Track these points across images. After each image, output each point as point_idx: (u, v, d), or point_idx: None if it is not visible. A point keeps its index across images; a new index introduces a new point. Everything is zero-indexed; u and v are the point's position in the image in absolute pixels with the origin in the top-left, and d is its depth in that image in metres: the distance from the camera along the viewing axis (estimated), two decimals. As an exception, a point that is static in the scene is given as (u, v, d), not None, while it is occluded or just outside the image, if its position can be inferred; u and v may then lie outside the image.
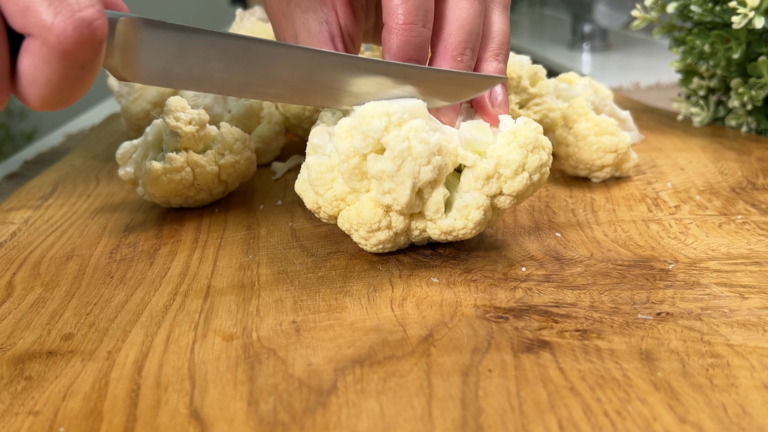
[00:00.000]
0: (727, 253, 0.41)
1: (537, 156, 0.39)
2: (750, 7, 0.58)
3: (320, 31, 0.45)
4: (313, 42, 0.46)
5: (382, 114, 0.37)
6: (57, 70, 0.31)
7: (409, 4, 0.39)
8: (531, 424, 0.27)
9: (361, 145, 0.37)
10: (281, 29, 0.47)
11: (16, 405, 0.30)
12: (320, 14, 0.46)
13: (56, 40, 0.30)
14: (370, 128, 0.37)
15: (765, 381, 0.29)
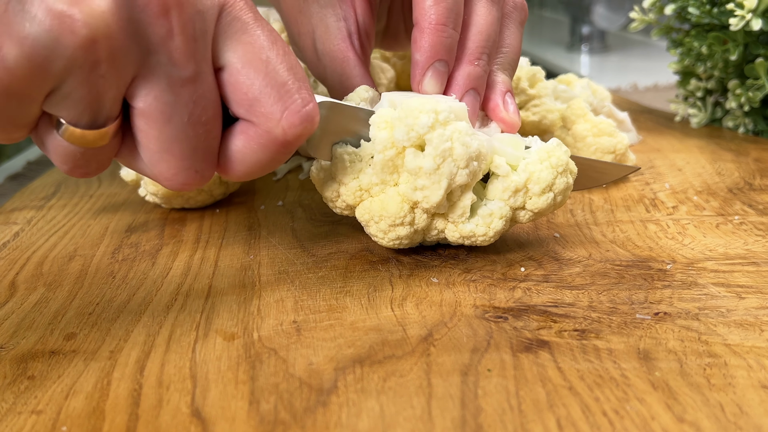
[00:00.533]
0: (724, 254, 0.41)
1: (564, 179, 0.39)
2: (747, 9, 0.58)
3: (338, 27, 0.45)
4: (331, 38, 0.45)
5: (431, 111, 0.37)
6: (270, 154, 0.34)
7: (442, 6, 0.40)
8: (530, 423, 0.27)
9: (402, 138, 0.37)
10: (296, 25, 0.47)
11: (19, 404, 0.30)
12: (338, 11, 0.46)
13: (282, 132, 0.33)
14: (417, 123, 0.36)
15: (762, 380, 0.29)
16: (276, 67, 0.33)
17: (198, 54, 0.31)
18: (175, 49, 0.30)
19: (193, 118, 0.32)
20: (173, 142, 0.32)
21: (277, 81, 0.33)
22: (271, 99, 0.33)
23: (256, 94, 0.33)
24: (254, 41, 0.33)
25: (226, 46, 0.33)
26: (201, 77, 0.32)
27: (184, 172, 0.33)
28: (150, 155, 0.33)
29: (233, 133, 0.34)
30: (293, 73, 0.33)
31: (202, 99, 0.32)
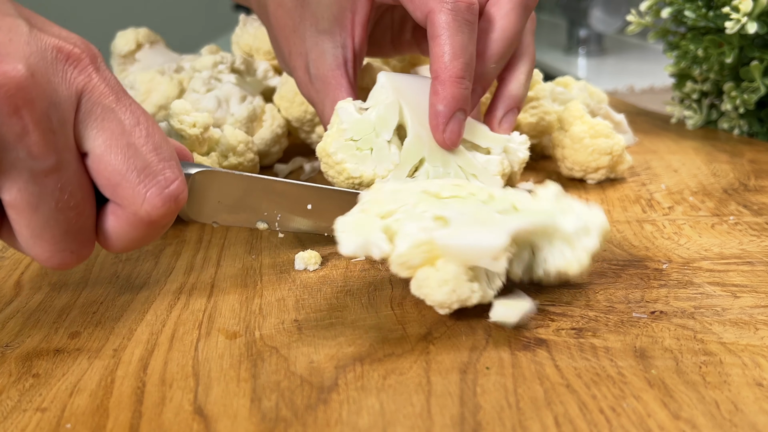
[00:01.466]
0: (719, 253, 0.41)
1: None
2: (743, 13, 0.58)
3: (335, 55, 0.46)
4: (326, 64, 0.46)
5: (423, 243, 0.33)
6: (142, 231, 0.34)
7: (460, 62, 0.42)
8: (528, 421, 0.27)
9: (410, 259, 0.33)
10: (288, 44, 0.47)
11: (24, 402, 0.30)
12: (337, 38, 0.46)
13: (146, 213, 0.33)
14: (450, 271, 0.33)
15: (757, 378, 0.29)
16: (137, 151, 0.33)
17: (59, 144, 0.31)
18: (33, 144, 0.30)
19: (60, 204, 0.32)
20: (44, 229, 0.32)
21: (138, 165, 0.33)
22: (132, 183, 0.33)
23: (118, 179, 0.33)
24: (114, 127, 0.33)
25: (88, 133, 0.33)
26: (64, 165, 0.32)
27: (59, 254, 0.33)
28: (24, 241, 0.33)
29: (105, 213, 0.35)
30: (157, 154, 0.34)
31: (69, 185, 0.32)
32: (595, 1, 1.31)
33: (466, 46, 0.42)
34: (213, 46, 0.78)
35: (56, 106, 0.31)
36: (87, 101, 0.33)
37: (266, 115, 0.63)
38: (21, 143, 0.30)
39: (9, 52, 0.30)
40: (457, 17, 0.42)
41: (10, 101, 0.29)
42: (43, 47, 0.31)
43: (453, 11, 0.42)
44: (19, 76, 0.29)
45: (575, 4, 1.39)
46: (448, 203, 0.36)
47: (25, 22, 0.31)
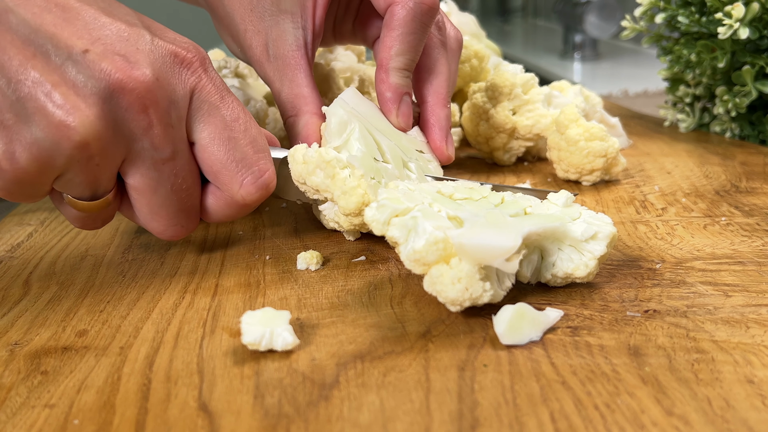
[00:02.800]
0: (711, 253, 0.41)
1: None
2: (735, 19, 0.58)
3: (296, 36, 0.46)
4: (286, 44, 0.46)
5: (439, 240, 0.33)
6: (235, 211, 0.40)
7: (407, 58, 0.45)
8: (524, 417, 0.27)
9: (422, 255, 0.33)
10: (243, 21, 0.47)
11: (33, 398, 0.30)
12: (298, 19, 0.46)
13: (241, 198, 0.39)
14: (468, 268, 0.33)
15: (748, 375, 0.29)
16: (236, 144, 0.38)
17: (175, 137, 0.37)
18: (155, 137, 0.36)
19: (175, 187, 0.38)
20: (160, 208, 0.38)
21: (236, 156, 0.38)
22: (231, 172, 0.38)
23: (219, 167, 0.38)
24: (218, 122, 0.38)
25: (196, 126, 0.38)
26: (178, 155, 0.37)
27: (172, 228, 0.39)
28: (143, 217, 0.39)
29: (207, 192, 0.40)
30: (253, 147, 0.39)
31: (182, 172, 0.38)
32: (590, 7, 1.31)
33: (415, 46, 0.45)
34: (217, 51, 0.78)
35: (175, 104, 0.36)
36: (197, 99, 0.37)
37: (269, 118, 0.63)
38: (146, 136, 0.35)
39: (138, 60, 0.34)
40: (416, 18, 0.44)
41: (140, 102, 0.34)
42: (163, 53, 0.36)
43: (413, 11, 0.44)
44: (147, 80, 0.34)
45: (570, 10, 1.39)
46: (461, 205, 0.36)
47: (147, 30, 0.36)
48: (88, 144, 0.33)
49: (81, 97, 0.33)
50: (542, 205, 0.38)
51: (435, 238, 0.32)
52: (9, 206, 0.62)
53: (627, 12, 0.80)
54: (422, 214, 0.34)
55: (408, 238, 0.33)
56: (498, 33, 2.26)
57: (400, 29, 0.44)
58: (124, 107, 0.34)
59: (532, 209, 0.37)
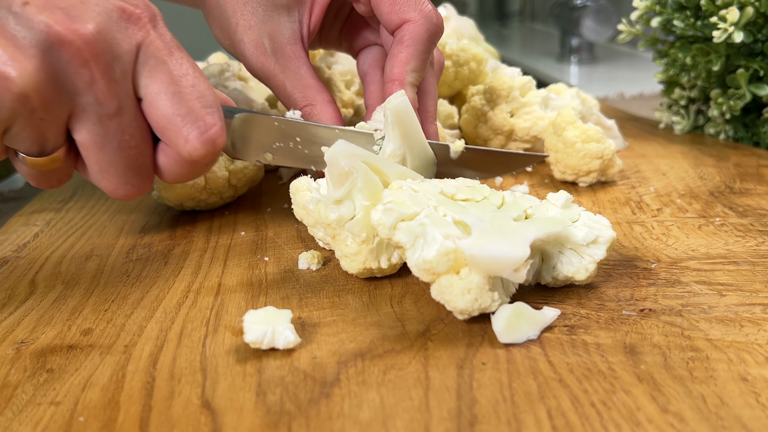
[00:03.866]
0: (706, 253, 0.41)
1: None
2: (730, 23, 0.58)
3: (292, 29, 0.46)
4: (283, 37, 0.46)
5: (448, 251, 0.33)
6: (186, 168, 0.38)
7: (418, 75, 0.45)
8: (522, 414, 0.27)
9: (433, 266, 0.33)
10: (235, 16, 0.46)
11: (39, 396, 0.30)
12: (294, 13, 0.46)
13: (187, 154, 0.37)
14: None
15: (742, 373, 0.29)
16: (182, 98, 0.37)
17: (120, 92, 0.35)
18: (99, 91, 0.35)
19: (122, 144, 0.36)
20: (109, 165, 0.37)
21: (182, 110, 0.36)
22: (176, 126, 0.36)
23: (165, 122, 0.36)
24: (164, 76, 0.36)
25: (143, 81, 0.36)
26: (124, 111, 0.36)
27: (123, 186, 0.38)
28: (93, 175, 0.37)
29: (159, 150, 0.39)
30: (200, 101, 0.37)
31: (129, 128, 0.36)
32: (587, 12, 1.31)
33: (426, 64, 0.46)
34: (220, 55, 0.78)
35: (118, 58, 0.35)
36: (143, 54, 0.36)
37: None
38: (89, 91, 0.34)
39: (80, 14, 0.34)
40: (430, 37, 0.45)
41: (80, 55, 0.33)
42: (109, 8, 0.35)
43: (429, 30, 0.45)
44: (87, 34, 0.34)
45: (567, 14, 1.39)
46: (466, 208, 0.35)
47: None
48: (28, 96, 0.33)
49: (19, 49, 0.32)
50: (542, 205, 0.38)
51: (446, 249, 0.32)
52: (15, 207, 0.62)
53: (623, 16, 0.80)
54: (430, 220, 0.33)
55: (415, 244, 0.33)
56: (496, 36, 2.26)
57: (415, 46, 0.44)
58: (65, 60, 0.33)
59: (533, 210, 0.37)
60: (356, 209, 0.38)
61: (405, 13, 0.45)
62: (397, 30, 0.45)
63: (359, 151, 0.38)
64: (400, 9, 0.45)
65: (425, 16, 0.45)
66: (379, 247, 0.38)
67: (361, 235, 0.38)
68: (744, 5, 0.58)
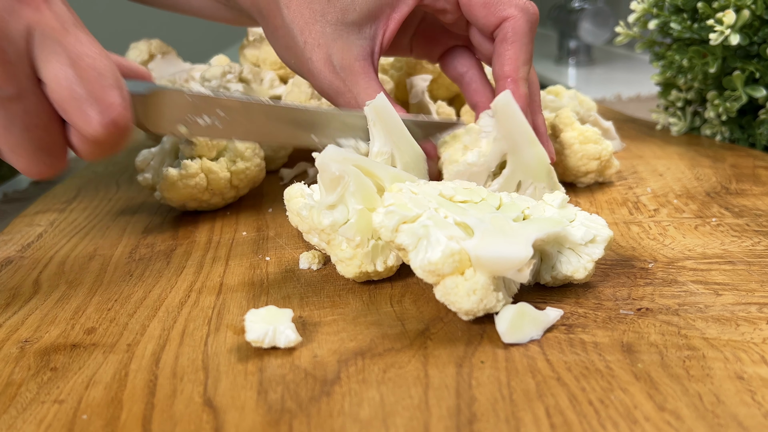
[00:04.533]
0: (702, 253, 0.41)
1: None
2: (726, 25, 0.58)
3: (362, 46, 0.45)
4: (352, 54, 0.45)
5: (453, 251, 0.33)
6: (96, 148, 0.37)
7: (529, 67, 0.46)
8: (520, 412, 0.27)
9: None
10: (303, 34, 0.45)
11: (43, 394, 0.30)
12: (366, 30, 0.45)
13: (90, 135, 0.36)
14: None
15: (738, 372, 0.29)
16: (81, 79, 0.35)
17: (18, 74, 0.34)
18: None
19: (29, 125, 0.35)
20: (18, 146, 0.36)
21: (81, 92, 0.35)
22: (77, 108, 0.35)
23: (65, 105, 0.35)
24: (61, 58, 0.35)
25: (40, 63, 0.35)
26: (25, 93, 0.35)
27: (36, 166, 0.37)
28: (6, 155, 0.37)
29: (70, 131, 0.37)
30: (99, 82, 0.36)
31: (33, 109, 0.35)
32: (584, 14, 1.31)
33: (531, 55, 0.46)
34: (222, 57, 0.78)
35: (10, 40, 0.34)
36: (38, 34, 0.35)
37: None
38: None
39: None
40: (532, 28, 0.45)
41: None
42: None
43: (530, 22, 0.45)
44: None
45: (565, 17, 1.39)
46: (466, 209, 0.35)
47: None
48: None
49: None
50: (538, 206, 0.38)
51: (451, 250, 0.32)
52: (20, 208, 0.62)
53: (620, 19, 0.80)
54: (433, 222, 0.33)
55: (418, 246, 0.33)
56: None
57: (521, 40, 0.45)
58: None
59: (530, 211, 0.37)
60: (349, 213, 0.37)
61: (502, 11, 0.45)
62: (497, 29, 0.45)
63: (350, 154, 0.38)
64: (497, 9, 0.45)
65: (522, 9, 0.45)
66: (375, 251, 0.38)
67: (355, 239, 0.37)
68: (740, 8, 0.58)
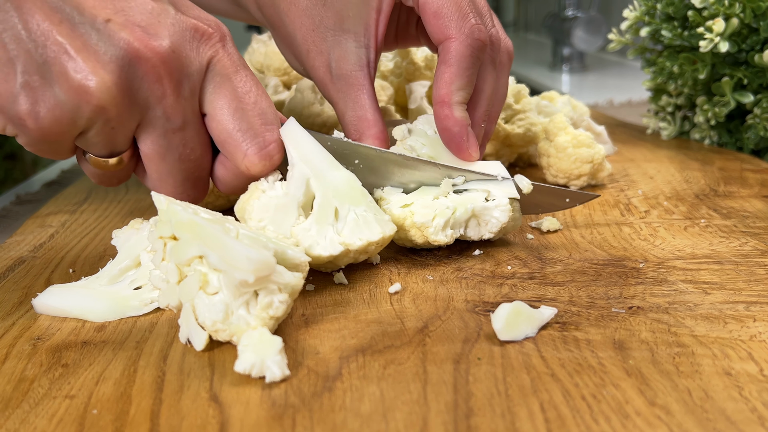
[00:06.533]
0: (691, 253, 0.41)
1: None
2: (716, 33, 0.58)
3: (358, 55, 0.44)
4: (349, 64, 0.44)
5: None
6: (242, 181, 0.39)
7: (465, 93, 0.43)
8: (516, 407, 0.27)
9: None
10: (305, 42, 0.45)
11: (54, 389, 0.30)
12: (361, 38, 0.44)
13: (245, 168, 0.38)
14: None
15: (725, 368, 0.29)
16: (244, 114, 0.37)
17: (186, 108, 0.36)
18: (168, 106, 0.36)
19: (183, 156, 0.38)
20: (168, 175, 0.38)
21: (243, 126, 0.37)
22: (236, 141, 0.37)
23: (226, 136, 0.37)
24: (228, 93, 0.37)
25: (208, 97, 0.37)
26: (189, 126, 0.37)
27: (179, 196, 0.39)
28: (152, 182, 0.39)
29: (217, 162, 0.40)
30: (261, 118, 0.38)
31: (191, 142, 0.38)
32: (578, 22, 1.31)
33: (473, 79, 0.43)
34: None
35: (189, 76, 0.36)
36: (211, 71, 0.37)
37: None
38: (159, 105, 0.36)
39: (157, 32, 0.35)
40: (473, 53, 0.42)
41: (155, 71, 0.35)
42: (184, 27, 0.36)
43: (470, 46, 0.42)
44: (163, 51, 0.35)
45: (559, 25, 1.39)
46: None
47: (171, 6, 0.36)
48: (104, 108, 0.34)
49: (100, 63, 0.33)
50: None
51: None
52: (32, 209, 0.62)
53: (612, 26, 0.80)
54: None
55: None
56: (491, 46, 2.25)
57: (458, 65, 0.42)
58: (140, 76, 0.34)
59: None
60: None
61: (447, 29, 0.42)
62: (440, 46, 0.43)
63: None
64: (443, 24, 0.42)
65: (466, 33, 0.42)
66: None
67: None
68: (729, 17, 0.58)
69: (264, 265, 0.30)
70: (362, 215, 0.38)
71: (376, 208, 0.39)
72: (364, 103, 0.44)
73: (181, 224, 0.32)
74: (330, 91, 0.46)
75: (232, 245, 0.31)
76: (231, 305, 0.31)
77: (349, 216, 0.38)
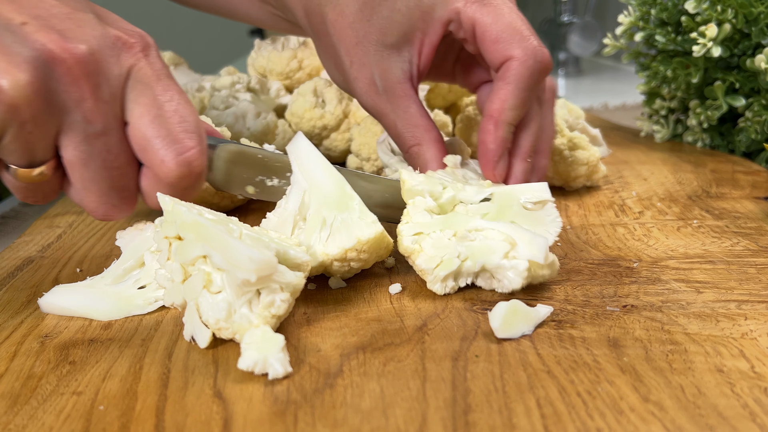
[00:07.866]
0: (684, 253, 0.41)
1: None
2: (709, 38, 0.58)
3: (402, 69, 0.44)
4: (393, 77, 0.44)
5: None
6: (168, 191, 0.36)
7: (517, 113, 0.42)
8: (513, 403, 0.27)
9: None
10: (349, 54, 0.44)
11: (62, 386, 0.30)
12: (404, 53, 0.44)
13: (164, 175, 0.36)
14: None
15: (718, 365, 0.29)
16: (164, 121, 0.36)
17: (108, 112, 0.35)
18: (86, 110, 0.34)
19: (106, 164, 0.36)
20: (91, 183, 0.36)
21: (161, 133, 0.35)
22: (155, 147, 0.36)
23: (145, 143, 0.36)
24: (148, 100, 0.36)
25: (129, 105, 0.36)
26: (110, 132, 0.35)
27: (103, 206, 0.37)
28: (75, 192, 0.37)
29: (141, 174, 0.38)
30: (180, 125, 0.36)
31: (114, 149, 0.36)
32: (573, 28, 1.31)
33: (527, 102, 0.42)
34: (231, 68, 0.78)
35: (108, 80, 0.35)
36: (132, 79, 0.36)
37: (278, 129, 0.63)
38: (78, 109, 0.34)
39: (75, 36, 0.34)
40: (533, 75, 0.41)
41: (71, 73, 0.33)
42: (105, 35, 0.35)
43: (532, 68, 0.41)
44: (79, 53, 0.33)
45: (555, 30, 1.39)
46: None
47: (95, 16, 0.36)
48: (18, 107, 0.32)
49: (13, 63, 0.32)
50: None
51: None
52: (40, 210, 0.62)
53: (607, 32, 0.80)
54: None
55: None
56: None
57: (516, 84, 0.41)
58: (57, 77, 0.33)
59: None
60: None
61: (508, 50, 0.41)
62: (501, 67, 0.41)
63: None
64: (504, 46, 0.41)
65: (529, 53, 0.41)
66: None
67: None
68: (722, 22, 0.58)
69: (266, 264, 0.31)
70: (346, 220, 0.37)
71: (362, 210, 0.38)
72: (414, 112, 0.44)
73: (186, 225, 0.32)
74: (377, 103, 0.44)
75: (234, 245, 0.31)
76: (234, 304, 0.31)
77: (335, 224, 0.37)
